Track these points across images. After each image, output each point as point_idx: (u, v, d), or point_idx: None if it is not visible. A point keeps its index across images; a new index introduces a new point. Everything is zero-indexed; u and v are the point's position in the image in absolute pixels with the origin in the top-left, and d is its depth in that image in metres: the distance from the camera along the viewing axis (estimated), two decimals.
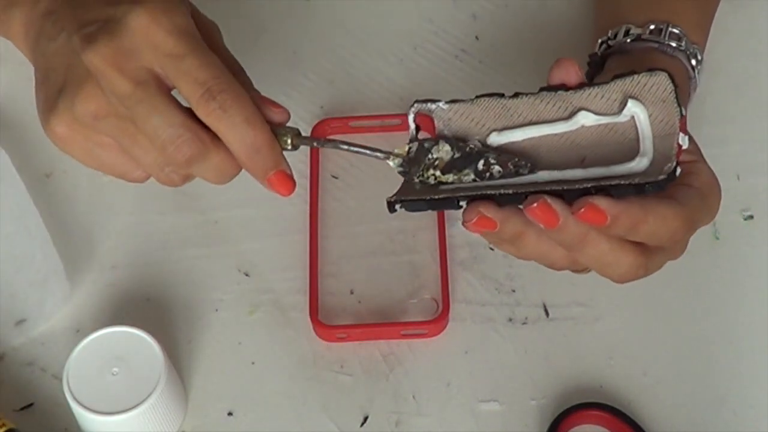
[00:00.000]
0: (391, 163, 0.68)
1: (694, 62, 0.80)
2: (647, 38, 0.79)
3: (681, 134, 0.64)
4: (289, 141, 0.67)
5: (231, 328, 0.81)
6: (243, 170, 0.69)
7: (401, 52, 0.93)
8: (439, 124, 0.69)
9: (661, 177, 0.63)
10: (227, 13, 0.95)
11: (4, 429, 0.74)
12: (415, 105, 0.68)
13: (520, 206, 0.63)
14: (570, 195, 0.63)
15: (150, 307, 0.82)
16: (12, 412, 0.78)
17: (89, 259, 0.84)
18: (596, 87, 0.67)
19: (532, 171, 0.66)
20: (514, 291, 0.82)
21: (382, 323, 0.81)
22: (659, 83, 0.66)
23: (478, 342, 0.80)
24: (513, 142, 0.67)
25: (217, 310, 0.82)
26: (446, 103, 0.68)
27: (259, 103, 0.67)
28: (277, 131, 0.67)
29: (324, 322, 0.80)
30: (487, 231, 0.65)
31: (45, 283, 0.80)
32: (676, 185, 0.67)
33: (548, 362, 0.79)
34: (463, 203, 0.65)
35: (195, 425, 0.78)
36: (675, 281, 0.82)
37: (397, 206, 0.67)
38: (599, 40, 0.81)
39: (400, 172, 0.68)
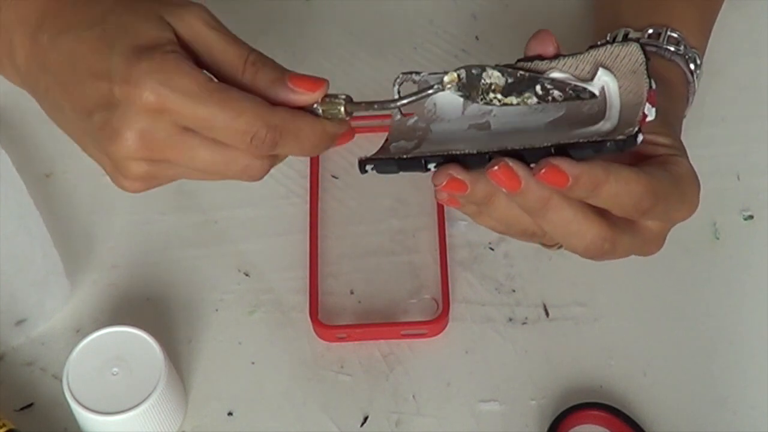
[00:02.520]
0: (450, 91, 0.67)
1: (692, 66, 0.79)
2: (645, 42, 0.79)
3: (648, 105, 0.64)
4: (342, 109, 0.67)
5: (231, 328, 0.81)
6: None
7: (401, 52, 0.93)
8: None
9: (620, 137, 0.62)
10: (227, 13, 0.95)
11: (4, 429, 0.74)
12: (401, 76, 0.69)
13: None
14: (531, 155, 0.63)
15: (150, 307, 0.82)
16: (12, 412, 0.78)
17: (89, 259, 0.84)
18: (570, 57, 0.67)
19: (593, 96, 0.65)
20: (514, 291, 0.82)
21: (382, 323, 0.81)
22: (630, 54, 0.66)
23: (478, 342, 0.80)
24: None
25: (217, 310, 0.82)
26: (429, 74, 0.69)
27: (292, 87, 0.65)
28: (330, 101, 0.66)
29: (324, 322, 0.80)
30: (459, 194, 0.65)
31: (45, 283, 0.80)
32: (647, 163, 0.67)
33: (548, 362, 0.79)
34: (431, 165, 0.65)
35: (195, 425, 0.78)
36: (675, 281, 0.82)
37: (368, 166, 0.67)
38: (598, 44, 0.81)
39: (461, 95, 0.67)
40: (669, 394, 0.78)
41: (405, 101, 0.68)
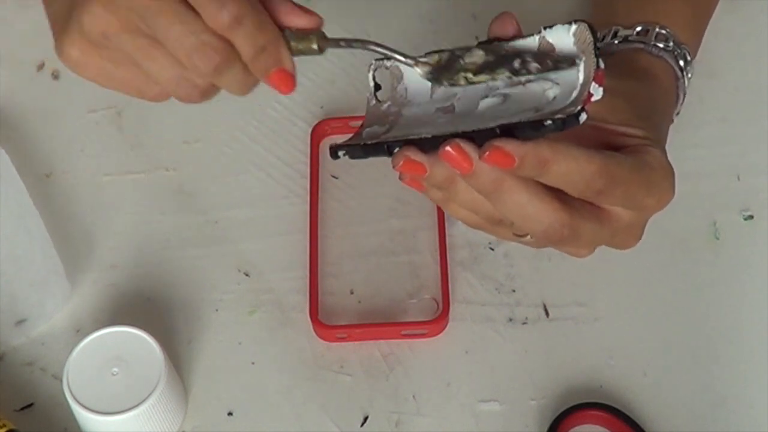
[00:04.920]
0: (418, 70, 0.68)
1: (682, 63, 0.79)
2: (634, 39, 0.79)
3: (594, 84, 0.64)
4: (315, 43, 0.67)
5: (231, 328, 0.81)
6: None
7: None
8: (393, 81, 0.70)
9: (559, 116, 0.62)
10: None
11: (4, 429, 0.74)
12: (374, 62, 0.70)
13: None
14: (480, 137, 0.63)
15: (150, 307, 0.82)
16: (12, 412, 0.78)
17: (89, 259, 0.84)
18: (523, 39, 0.68)
19: (573, 64, 0.65)
20: (514, 291, 0.82)
21: (382, 323, 0.81)
22: (579, 33, 0.66)
23: (478, 342, 0.80)
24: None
25: (217, 310, 0.82)
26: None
27: (282, 8, 0.65)
28: (304, 36, 0.66)
29: (324, 322, 0.80)
30: (419, 176, 0.64)
31: (45, 283, 0.80)
32: (609, 149, 0.66)
33: (548, 362, 0.79)
34: (395, 150, 0.65)
35: (195, 425, 0.78)
36: (675, 281, 0.82)
37: (340, 152, 0.67)
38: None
39: (429, 79, 0.68)
40: (669, 394, 0.78)
41: (381, 50, 0.68)
